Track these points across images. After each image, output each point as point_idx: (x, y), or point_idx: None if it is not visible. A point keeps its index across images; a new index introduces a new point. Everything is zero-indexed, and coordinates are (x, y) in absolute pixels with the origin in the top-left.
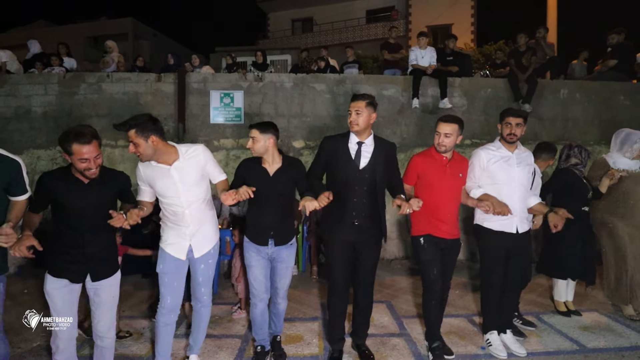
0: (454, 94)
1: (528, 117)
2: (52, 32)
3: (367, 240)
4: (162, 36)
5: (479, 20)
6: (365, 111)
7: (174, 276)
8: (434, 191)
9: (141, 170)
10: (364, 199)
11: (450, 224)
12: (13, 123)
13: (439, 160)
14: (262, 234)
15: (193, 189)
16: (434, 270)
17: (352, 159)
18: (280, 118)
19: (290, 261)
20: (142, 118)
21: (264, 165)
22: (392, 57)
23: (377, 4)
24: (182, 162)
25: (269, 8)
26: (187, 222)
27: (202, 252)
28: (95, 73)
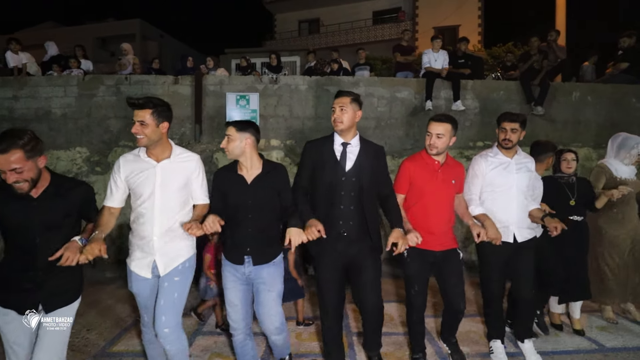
0: (467, 96)
1: (540, 119)
2: (61, 33)
3: (359, 253)
4: (169, 37)
5: (486, 21)
6: (350, 108)
7: (146, 296)
8: (423, 198)
9: (121, 164)
10: (351, 205)
11: (439, 235)
12: (33, 124)
13: (431, 164)
14: (238, 250)
15: (172, 195)
16: (415, 287)
17: (338, 161)
18: (295, 120)
19: (275, 283)
20: (162, 101)
21: (241, 172)
22: (405, 59)
23: (383, 5)
24: (171, 163)
25: (276, 9)
26: (154, 233)
27: (169, 269)
28: (114, 75)
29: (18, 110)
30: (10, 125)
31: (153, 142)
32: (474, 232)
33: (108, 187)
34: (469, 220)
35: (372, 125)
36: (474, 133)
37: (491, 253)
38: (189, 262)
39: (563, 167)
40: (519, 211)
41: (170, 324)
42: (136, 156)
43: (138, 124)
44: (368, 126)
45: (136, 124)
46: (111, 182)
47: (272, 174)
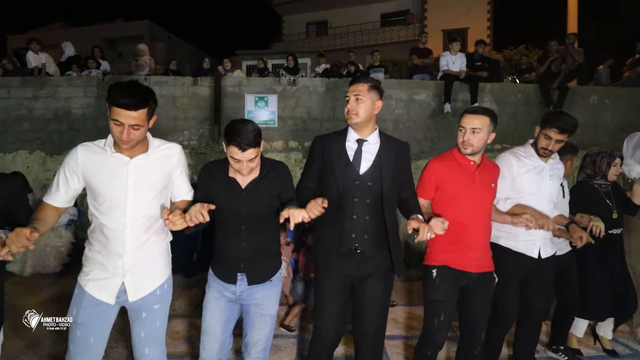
0: (485, 99)
1: None
2: (69, 34)
3: (371, 274)
4: (176, 38)
5: (495, 24)
6: (368, 97)
7: (91, 330)
8: (459, 206)
9: (78, 156)
10: (367, 215)
11: (479, 252)
12: (53, 124)
13: (466, 165)
14: (230, 267)
15: (148, 198)
16: (441, 316)
17: (350, 161)
18: (313, 122)
19: (270, 306)
20: (150, 90)
21: (234, 175)
22: (422, 62)
23: (391, 8)
24: (148, 159)
25: (284, 11)
26: (124, 248)
27: (143, 293)
28: (133, 76)
29: (37, 110)
30: (30, 125)
31: (137, 144)
32: (521, 224)
33: (54, 182)
34: (504, 218)
35: (390, 128)
36: None
37: (514, 265)
38: (168, 284)
39: (610, 174)
40: None
41: (154, 356)
42: (101, 148)
43: (130, 128)
44: (386, 128)
45: (127, 129)
46: (59, 175)
47: (272, 175)
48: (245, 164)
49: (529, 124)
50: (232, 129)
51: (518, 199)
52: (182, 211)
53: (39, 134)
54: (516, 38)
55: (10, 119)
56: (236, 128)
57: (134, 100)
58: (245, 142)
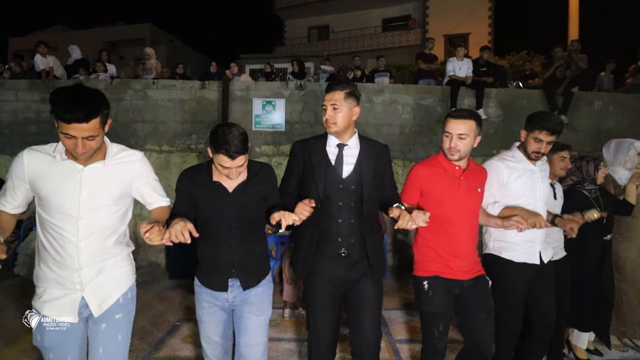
0: (490, 104)
1: (564, 128)
2: (71, 37)
3: (362, 278)
4: (178, 41)
5: (496, 30)
6: (345, 105)
7: (64, 350)
8: (444, 212)
9: (25, 161)
10: (352, 218)
11: (467, 259)
12: None
13: (451, 170)
14: (220, 274)
15: (104, 209)
16: (440, 327)
17: (333, 165)
18: (320, 126)
19: (264, 307)
20: (99, 93)
21: (218, 179)
22: (428, 67)
23: (393, 13)
24: (105, 167)
25: (286, 15)
26: (79, 262)
27: (106, 306)
28: (142, 80)
29: (45, 113)
30: (37, 127)
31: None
32: (511, 227)
33: (3, 188)
34: (495, 222)
35: (397, 132)
36: (497, 141)
37: (515, 275)
38: (131, 292)
39: (600, 177)
40: None
41: None
42: (49, 156)
43: (84, 140)
44: (392, 132)
45: (80, 142)
46: (7, 183)
47: (259, 177)
48: (234, 170)
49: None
50: (219, 136)
51: (512, 203)
52: (162, 224)
53: (46, 136)
54: (517, 43)
55: (18, 122)
56: (223, 135)
57: (82, 113)
58: (234, 149)
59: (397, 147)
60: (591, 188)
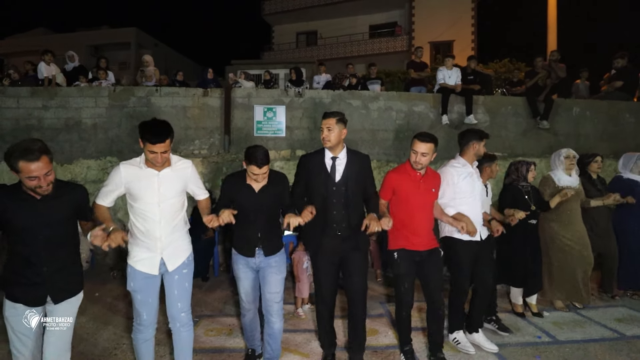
0: (478, 110)
1: (545, 132)
2: (53, 40)
3: (352, 250)
4: (163, 45)
5: (479, 38)
6: (336, 128)
7: (148, 293)
8: (409, 206)
9: (122, 171)
10: (343, 210)
11: (424, 236)
12: (63, 134)
13: (413, 176)
14: (250, 245)
15: (172, 200)
16: (405, 284)
17: (329, 173)
18: (319, 131)
19: (281, 269)
20: (168, 124)
21: (250, 182)
22: (419, 75)
23: (380, 20)
24: (171, 172)
25: (274, 21)
26: (159, 235)
27: (176, 264)
28: (145, 87)
29: (47, 120)
30: (40, 134)
31: None
32: (457, 226)
33: (102, 188)
34: (448, 220)
35: (392, 137)
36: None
37: (464, 250)
38: (191, 257)
39: (529, 176)
40: (480, 212)
41: (185, 309)
42: (135, 166)
43: (162, 155)
44: (388, 137)
45: (160, 155)
46: (106, 184)
47: (275, 182)
48: (261, 175)
49: (518, 134)
50: (250, 153)
51: (461, 199)
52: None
53: (49, 143)
54: (499, 50)
55: (20, 129)
56: (253, 152)
57: (163, 137)
58: (260, 162)
59: (392, 151)
60: (524, 184)
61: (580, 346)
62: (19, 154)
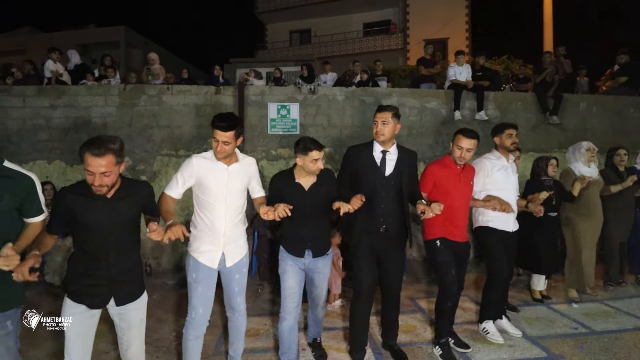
0: (488, 106)
1: (554, 127)
2: (39, 39)
3: (393, 246)
4: (153, 44)
5: (473, 35)
6: (392, 122)
7: (207, 286)
8: (450, 198)
9: (194, 162)
10: (391, 204)
11: (462, 228)
12: (71, 133)
13: (454, 169)
14: (299, 246)
15: (237, 195)
16: (452, 272)
17: (378, 166)
18: (333, 128)
19: (327, 271)
20: (239, 119)
21: (299, 180)
22: (429, 71)
23: (373, 18)
24: (239, 167)
25: (268, 19)
26: (223, 229)
27: (235, 261)
28: (156, 85)
29: (55, 119)
30: (48, 134)
31: (229, 155)
32: (491, 207)
33: (174, 179)
34: (480, 204)
35: (405, 134)
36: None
37: (498, 240)
38: (247, 256)
39: (550, 171)
40: (515, 206)
41: (243, 302)
42: (208, 159)
43: (222, 144)
44: (401, 134)
45: (220, 144)
46: (179, 175)
47: (325, 179)
48: (321, 160)
49: (527, 130)
50: (306, 140)
51: (494, 191)
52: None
53: (58, 143)
54: (493, 48)
55: (26, 129)
56: (309, 139)
57: (225, 124)
58: (319, 145)
59: (406, 146)
60: (545, 179)
61: (618, 336)
62: (87, 144)
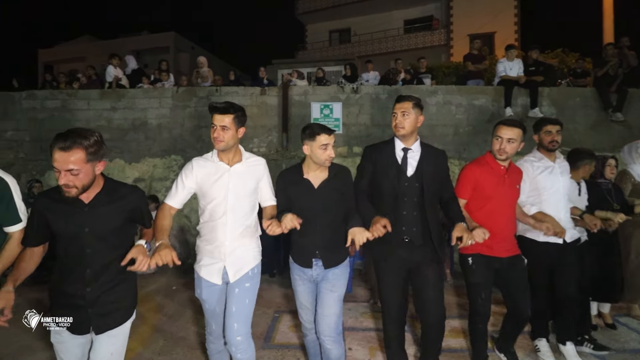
0: (543, 103)
1: (618, 125)
2: (98, 47)
3: (423, 259)
4: (199, 48)
5: (522, 28)
6: (413, 113)
7: (215, 303)
8: (490, 204)
9: (194, 165)
10: (414, 211)
11: (506, 241)
12: (130, 134)
13: (497, 169)
14: (307, 254)
15: (241, 199)
16: (482, 295)
17: (400, 166)
18: (376, 128)
19: (338, 285)
20: (240, 107)
21: (307, 177)
22: (476, 67)
23: (415, 14)
24: (243, 167)
25: (307, 20)
26: (224, 238)
27: (239, 275)
28: (205, 87)
29: (116, 120)
30: (109, 134)
31: (229, 147)
32: (541, 228)
33: (173, 186)
34: (528, 221)
35: (451, 132)
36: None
37: (538, 253)
38: (257, 269)
39: (607, 172)
40: (566, 212)
41: (241, 332)
42: (208, 160)
43: (220, 128)
44: (447, 133)
45: (217, 128)
46: (178, 181)
47: (339, 177)
48: (331, 146)
49: (587, 127)
50: (313, 126)
51: (539, 195)
52: (276, 220)
53: (118, 143)
54: (545, 41)
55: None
56: (315, 125)
57: (223, 108)
58: (327, 129)
59: (452, 147)
60: (602, 182)
61: None
62: (56, 137)
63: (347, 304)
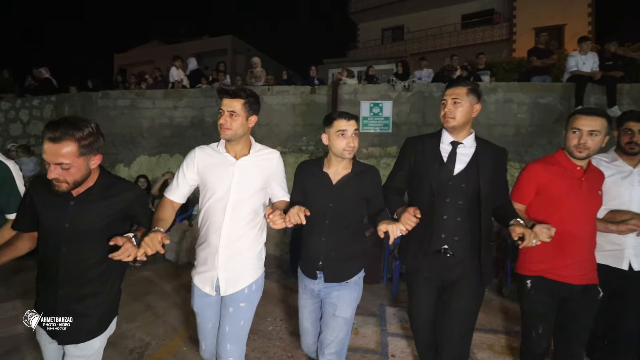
0: (622, 101)
1: None
2: (165, 50)
3: (462, 279)
4: (255, 50)
5: (597, 20)
6: (467, 100)
7: (207, 317)
8: (561, 213)
9: (196, 153)
10: (458, 217)
11: (583, 262)
12: (189, 130)
13: (572, 170)
14: (311, 261)
15: (246, 198)
16: (539, 328)
17: (444, 162)
18: (428, 127)
19: (343, 308)
20: (253, 93)
21: (327, 170)
22: (543, 63)
23: (473, 8)
24: (250, 160)
25: (360, 19)
26: (220, 242)
27: (233, 290)
28: (258, 86)
29: (177, 118)
30: (170, 131)
31: (238, 137)
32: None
33: (174, 179)
34: (606, 227)
35: (511, 133)
36: None
37: (602, 280)
38: (256, 285)
39: None
40: None
41: (234, 353)
42: (214, 150)
43: (228, 114)
44: (507, 133)
45: (225, 113)
46: (179, 173)
47: (362, 177)
48: (350, 134)
49: None
50: (332, 113)
51: (604, 204)
52: (282, 211)
53: (178, 139)
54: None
55: (155, 127)
56: (333, 112)
57: (231, 91)
58: (347, 115)
59: (512, 148)
60: None
61: None
62: (47, 126)
63: (390, 308)
